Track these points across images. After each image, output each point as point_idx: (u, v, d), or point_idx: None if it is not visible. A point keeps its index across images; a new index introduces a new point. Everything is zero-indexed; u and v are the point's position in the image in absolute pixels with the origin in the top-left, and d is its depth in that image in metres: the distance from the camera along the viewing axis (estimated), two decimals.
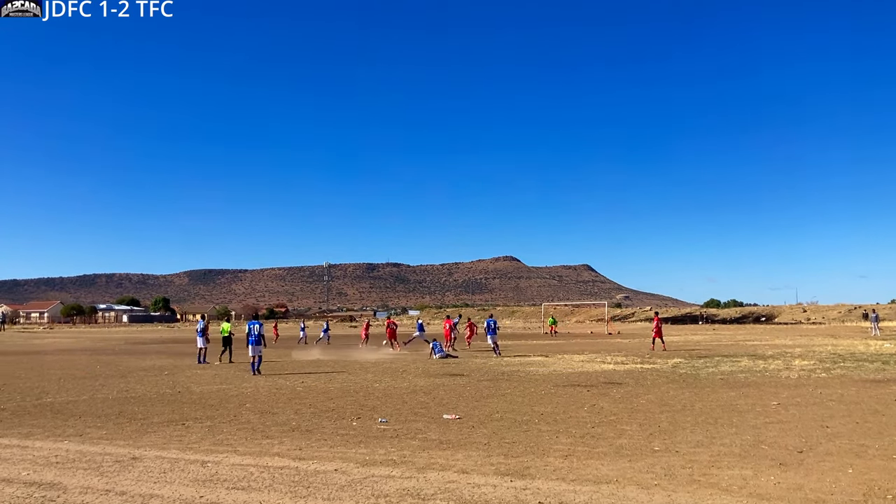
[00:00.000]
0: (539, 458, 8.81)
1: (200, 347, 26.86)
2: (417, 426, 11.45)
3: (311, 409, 13.75)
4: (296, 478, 7.98)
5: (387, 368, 23.28)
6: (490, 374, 20.90)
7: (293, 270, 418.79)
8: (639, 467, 8.24)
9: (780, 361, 23.67)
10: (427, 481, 7.70)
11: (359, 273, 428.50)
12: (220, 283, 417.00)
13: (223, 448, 9.84)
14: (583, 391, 16.15)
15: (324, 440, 10.34)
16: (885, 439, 9.76)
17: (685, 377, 18.99)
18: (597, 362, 24.96)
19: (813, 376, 18.52)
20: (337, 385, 18.12)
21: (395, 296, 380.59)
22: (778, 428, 10.82)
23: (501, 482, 7.62)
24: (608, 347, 35.61)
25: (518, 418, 12.16)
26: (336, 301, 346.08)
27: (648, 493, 7.12)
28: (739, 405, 13.39)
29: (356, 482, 7.74)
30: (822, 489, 7.16)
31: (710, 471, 8.01)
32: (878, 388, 15.81)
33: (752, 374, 19.59)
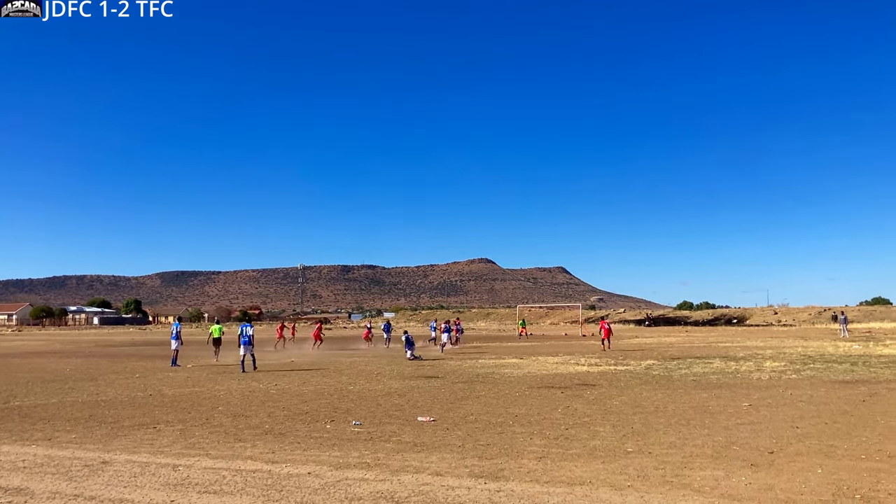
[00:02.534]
0: (513, 460, 8.82)
1: (175, 349, 26.60)
2: (392, 429, 11.42)
3: (285, 411, 13.66)
4: (268, 481, 7.91)
5: (361, 371, 23.20)
6: (465, 376, 20.90)
7: (267, 272, 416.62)
8: (612, 469, 8.27)
9: (751, 363, 23.93)
10: (401, 484, 7.68)
11: (333, 275, 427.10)
12: (193, 284, 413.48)
13: (195, 451, 9.74)
14: (557, 393, 16.20)
15: (297, 443, 10.27)
16: (854, 439, 9.90)
17: (658, 379, 19.13)
18: (571, 364, 25.06)
19: (783, 378, 18.74)
20: (311, 387, 18.02)
21: (369, 298, 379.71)
22: (749, 429, 10.93)
23: (476, 484, 7.61)
24: (582, 349, 35.78)
25: (492, 420, 12.17)
26: (310, 303, 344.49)
27: (621, 494, 7.16)
28: (711, 406, 13.51)
29: (329, 485, 7.69)
30: (792, 489, 7.23)
31: (682, 472, 8.07)
32: (846, 389, 16.03)
33: (724, 375, 19.78)
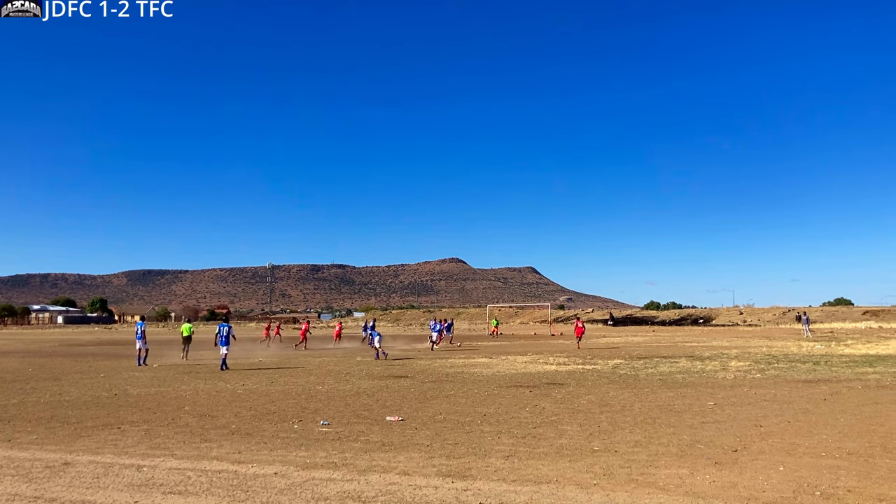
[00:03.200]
0: (481, 459, 8.84)
1: (139, 349, 26.27)
2: (360, 428, 11.39)
3: (252, 411, 13.56)
4: (234, 481, 7.85)
5: (330, 371, 23.10)
6: (434, 375, 20.91)
7: (235, 271, 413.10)
8: (578, 467, 8.33)
9: (716, 363, 24.23)
10: (368, 484, 7.66)
11: (303, 274, 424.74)
12: (160, 283, 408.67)
13: (160, 452, 9.63)
14: (525, 392, 16.27)
15: (264, 443, 10.20)
16: (815, 438, 10.07)
17: (625, 378, 19.30)
18: (539, 363, 25.18)
19: (748, 377, 19.01)
20: (279, 387, 17.90)
21: (339, 297, 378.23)
22: (714, 427, 11.07)
23: (443, 483, 7.62)
24: (551, 349, 35.97)
25: (461, 419, 12.19)
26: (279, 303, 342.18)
27: (587, 492, 7.21)
28: (677, 405, 13.66)
29: (296, 485, 7.65)
30: (754, 487, 7.34)
31: (647, 470, 8.15)
32: (809, 388, 16.31)
33: (689, 374, 20.01)
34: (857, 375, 18.88)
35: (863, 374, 19.10)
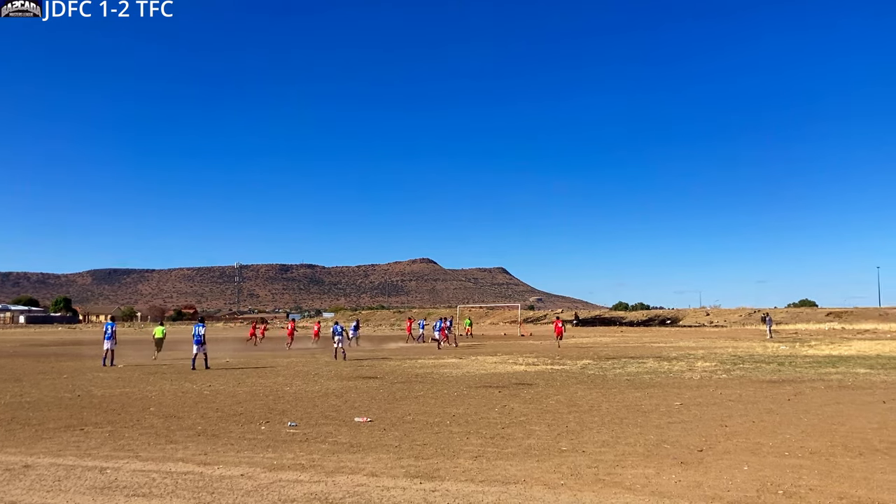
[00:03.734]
0: (449, 460, 8.84)
1: (107, 349, 25.91)
2: (328, 429, 11.32)
3: (218, 413, 13.42)
4: (200, 483, 7.76)
5: (298, 371, 22.96)
6: (403, 376, 20.87)
7: (202, 271, 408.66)
8: (546, 467, 8.37)
9: (683, 363, 24.50)
10: (336, 485, 7.62)
11: (271, 274, 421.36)
12: (126, 283, 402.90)
13: (124, 454, 9.49)
14: (494, 392, 16.31)
15: (230, 444, 10.10)
16: (779, 437, 10.22)
17: (593, 378, 19.43)
18: (509, 364, 25.26)
19: (714, 377, 19.24)
20: (246, 388, 17.75)
21: (308, 298, 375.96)
22: (680, 427, 11.19)
23: (411, 484, 7.61)
24: (521, 349, 36.11)
25: (430, 420, 12.18)
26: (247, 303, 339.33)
27: (555, 492, 7.24)
28: (644, 405, 13.78)
29: (263, 487, 7.58)
30: (719, 486, 7.43)
31: (614, 470, 8.21)
32: (773, 388, 16.55)
33: (657, 375, 20.20)
34: (820, 376, 19.21)
35: (826, 375, 19.43)
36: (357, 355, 31.65)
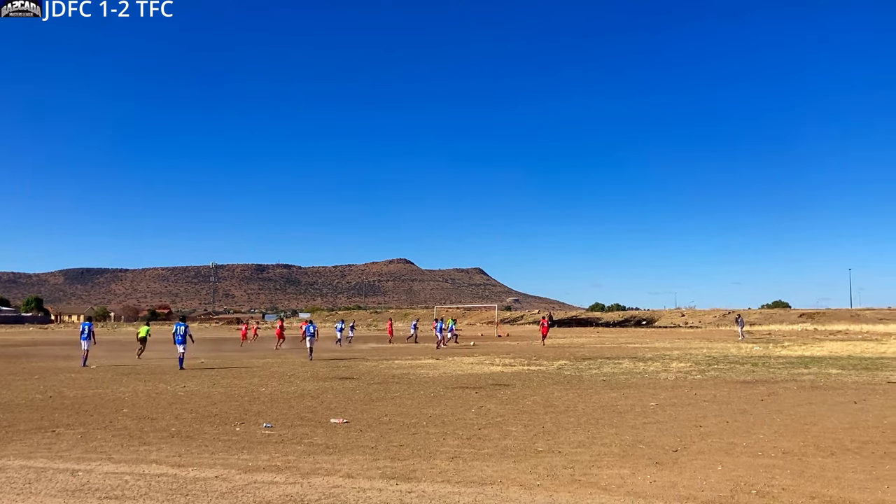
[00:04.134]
0: (426, 461, 8.83)
1: (86, 349, 25.69)
2: (303, 431, 11.26)
3: (193, 414, 13.30)
4: (174, 485, 7.68)
5: (274, 372, 22.83)
6: (380, 377, 20.83)
7: (177, 270, 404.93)
8: (522, 468, 8.38)
9: (658, 364, 24.68)
10: (311, 487, 7.57)
11: (247, 274, 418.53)
12: (99, 282, 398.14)
13: (96, 456, 9.37)
14: (471, 393, 16.32)
15: (205, 446, 10.01)
16: (752, 437, 10.32)
17: (570, 379, 19.51)
18: (486, 364, 25.31)
19: (689, 378, 19.40)
20: (221, 389, 17.61)
21: (285, 298, 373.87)
22: (655, 428, 11.26)
23: (387, 486, 7.58)
24: (497, 350, 36.18)
25: (406, 421, 12.16)
26: (223, 303, 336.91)
27: (531, 493, 7.25)
28: (620, 406, 13.86)
29: (237, 489, 7.52)
30: (693, 486, 7.49)
31: (590, 470, 8.24)
32: (747, 388, 16.71)
33: (632, 375, 20.33)
34: (793, 376, 19.43)
35: (798, 375, 19.66)
36: (333, 356, 31.56)
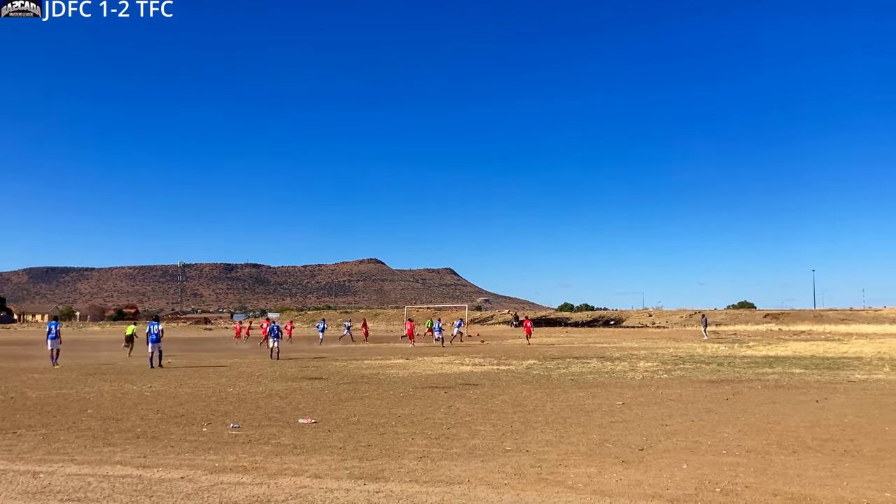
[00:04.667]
0: (394, 461, 8.82)
1: (52, 349, 25.34)
2: (271, 431, 11.19)
3: (159, 414, 13.14)
4: (138, 487, 7.59)
5: (242, 372, 22.64)
6: (349, 377, 20.75)
7: (144, 269, 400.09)
8: (490, 467, 8.41)
9: (626, 363, 24.89)
10: (278, 487, 7.53)
11: (216, 273, 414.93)
12: (64, 281, 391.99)
13: (59, 457, 9.22)
14: (440, 393, 16.33)
15: (171, 447, 9.90)
16: (717, 436, 10.46)
17: (538, 378, 19.61)
18: (456, 364, 25.33)
19: (655, 377, 19.59)
20: (188, 389, 17.42)
21: (253, 298, 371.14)
22: (622, 426, 11.36)
23: (355, 486, 7.56)
24: (467, 349, 36.23)
25: (375, 421, 12.13)
26: (191, 302, 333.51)
27: (498, 492, 7.28)
28: (587, 405, 13.96)
29: (203, 490, 7.45)
30: (659, 484, 7.57)
31: (557, 469, 8.29)
32: (712, 388, 16.92)
33: (600, 375, 20.49)
34: (758, 376, 19.71)
35: (763, 375, 19.95)
36: (302, 356, 31.41)
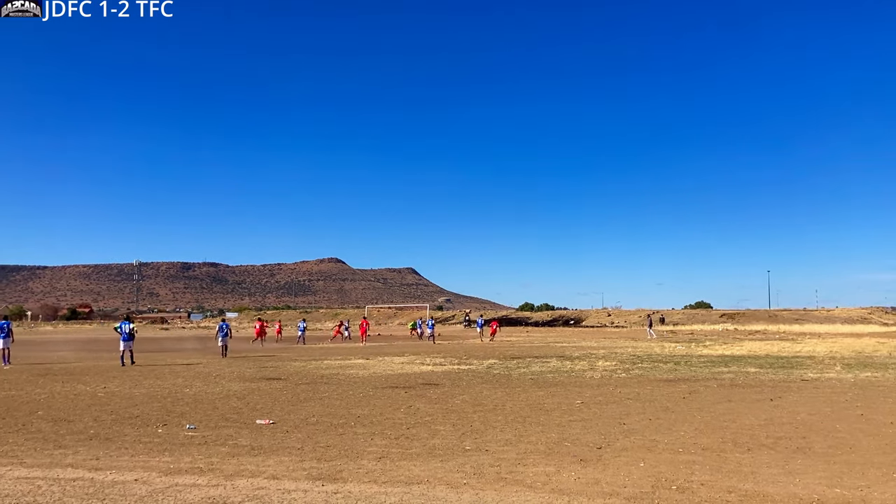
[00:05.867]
0: (353, 461, 8.77)
1: (2, 348, 24.81)
2: (228, 432, 11.04)
3: (113, 415, 12.89)
4: (90, 490, 7.43)
5: (199, 373, 22.33)
6: (309, 377, 20.59)
7: (99, 268, 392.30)
8: (450, 467, 8.40)
9: (585, 362, 25.11)
10: (235, 489, 7.43)
11: (173, 272, 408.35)
12: (15, 280, 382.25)
13: (7, 460, 8.99)
14: (401, 393, 16.29)
15: (124, 448, 9.71)
16: (674, 434, 10.59)
17: (498, 377, 19.67)
18: (416, 364, 25.30)
19: (614, 376, 19.79)
20: (143, 390, 17.12)
21: (211, 297, 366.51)
22: (580, 425, 11.44)
23: (313, 487, 7.50)
24: (428, 349, 36.22)
25: (334, 422, 12.05)
26: (147, 302, 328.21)
27: (457, 492, 7.28)
28: (547, 404, 14.04)
29: (158, 492, 7.32)
30: (616, 482, 7.63)
31: (516, 468, 8.32)
32: (670, 387, 17.15)
33: (559, 374, 20.63)
34: (714, 375, 20.03)
35: (719, 374, 20.27)
36: (259, 355, 31.13)
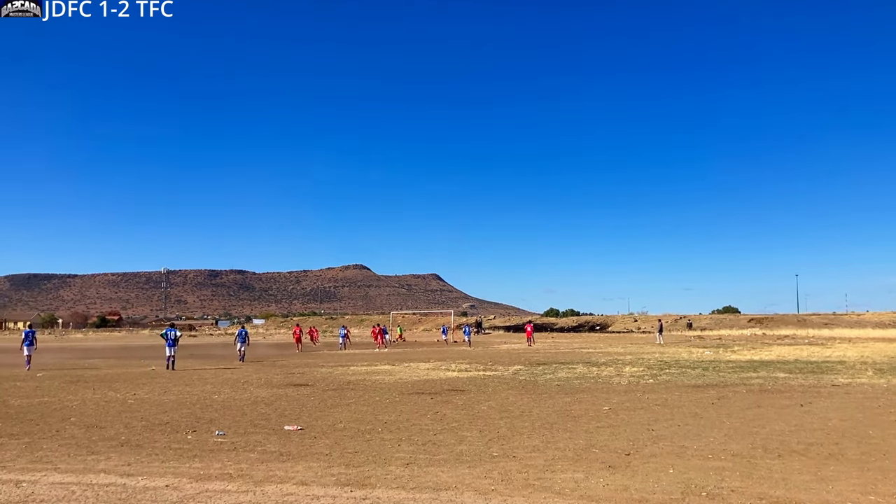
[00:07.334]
0: (380, 467, 8.79)
1: (27, 355, 26.13)
2: (257, 438, 11.13)
3: (143, 422, 13.04)
4: (122, 495, 7.53)
5: (227, 379, 22.52)
6: (335, 383, 20.68)
7: (128, 276, 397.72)
8: (477, 473, 8.40)
9: (612, 368, 24.96)
10: (264, 495, 7.49)
11: (200, 280, 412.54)
12: (46, 288, 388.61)
13: (42, 466, 9.13)
14: (427, 399, 16.30)
15: (155, 455, 9.83)
16: (703, 440, 10.50)
17: (524, 384, 19.62)
18: (442, 370, 25.31)
19: (641, 382, 19.65)
20: (172, 397, 17.31)
21: (239, 304, 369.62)
22: (608, 432, 11.38)
23: (341, 493, 7.53)
24: (453, 355, 36.21)
25: (361, 427, 12.09)
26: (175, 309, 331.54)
27: (485, 498, 7.27)
28: (574, 410, 13.98)
29: (188, 498, 7.40)
30: (645, 489, 7.58)
31: (544, 475, 8.29)
32: (697, 392, 17.00)
33: (586, 380, 20.52)
34: (743, 380, 19.81)
35: (747, 379, 20.05)
36: (287, 362, 31.30)
